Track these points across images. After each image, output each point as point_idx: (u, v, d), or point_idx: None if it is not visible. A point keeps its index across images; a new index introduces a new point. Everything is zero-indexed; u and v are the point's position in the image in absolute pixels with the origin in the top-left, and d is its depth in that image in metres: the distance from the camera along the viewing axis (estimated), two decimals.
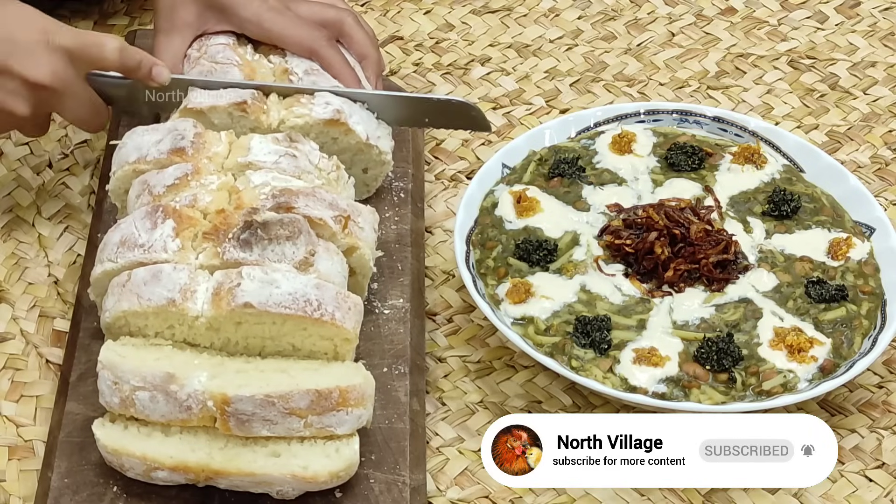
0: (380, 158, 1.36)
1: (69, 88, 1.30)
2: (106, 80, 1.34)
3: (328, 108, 1.33)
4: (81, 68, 1.31)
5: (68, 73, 1.30)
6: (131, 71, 1.33)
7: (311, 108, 1.33)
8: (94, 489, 1.16)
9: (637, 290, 1.29)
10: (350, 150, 1.34)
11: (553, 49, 1.66)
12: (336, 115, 1.32)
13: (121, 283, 1.17)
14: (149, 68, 1.33)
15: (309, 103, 1.33)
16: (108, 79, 1.34)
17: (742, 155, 1.41)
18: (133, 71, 1.33)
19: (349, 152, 1.34)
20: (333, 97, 1.34)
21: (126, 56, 1.31)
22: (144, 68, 1.33)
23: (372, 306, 1.30)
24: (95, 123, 1.36)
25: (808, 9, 1.72)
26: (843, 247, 1.33)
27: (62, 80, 1.29)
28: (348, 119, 1.33)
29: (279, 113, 1.33)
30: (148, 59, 1.33)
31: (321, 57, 1.38)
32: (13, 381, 1.28)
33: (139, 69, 1.32)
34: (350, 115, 1.33)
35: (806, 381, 1.23)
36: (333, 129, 1.33)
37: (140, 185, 1.25)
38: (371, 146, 1.34)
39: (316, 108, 1.33)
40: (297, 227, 1.18)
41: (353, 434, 1.14)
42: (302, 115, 1.32)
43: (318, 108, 1.33)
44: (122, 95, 1.36)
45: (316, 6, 1.42)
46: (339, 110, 1.33)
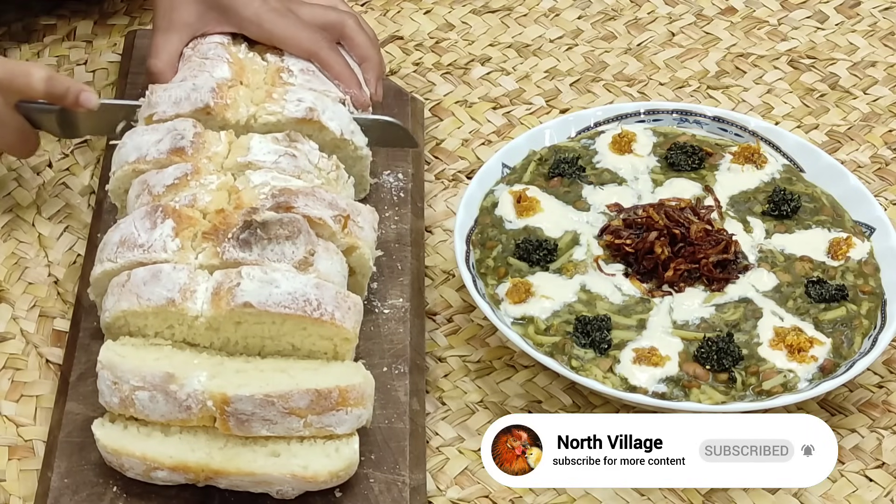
0: (356, 154, 1.35)
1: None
2: (35, 106, 1.35)
3: (300, 106, 1.32)
4: (9, 98, 1.33)
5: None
6: (59, 99, 1.34)
7: (284, 106, 1.31)
8: (94, 489, 1.16)
9: (637, 290, 1.29)
10: (327, 147, 1.33)
11: (553, 49, 1.66)
12: (308, 114, 1.31)
13: (120, 283, 1.17)
14: (76, 95, 1.33)
15: (281, 99, 1.32)
16: (39, 105, 1.35)
17: (742, 155, 1.41)
18: (61, 98, 1.34)
19: (327, 149, 1.33)
20: (306, 94, 1.33)
21: (53, 84, 1.32)
22: (72, 95, 1.33)
23: (372, 306, 1.30)
24: (25, 150, 1.38)
25: (808, 9, 1.72)
26: (843, 246, 1.33)
27: None
28: (321, 116, 1.32)
29: (248, 109, 1.32)
30: (75, 86, 1.34)
31: (321, 59, 1.38)
32: (13, 380, 1.28)
33: (67, 97, 1.33)
34: (323, 112, 1.32)
35: (806, 380, 1.23)
36: (307, 127, 1.32)
37: (140, 184, 1.25)
38: (346, 141, 1.33)
39: (288, 106, 1.32)
40: (297, 226, 1.18)
41: (352, 434, 1.14)
42: (274, 112, 1.31)
43: (291, 106, 1.32)
44: (54, 121, 1.36)
45: (317, 8, 1.42)
46: (312, 108, 1.32)
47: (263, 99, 1.32)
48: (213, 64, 1.35)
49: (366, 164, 1.37)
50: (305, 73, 1.36)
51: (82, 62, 1.60)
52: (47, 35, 1.64)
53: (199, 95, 1.31)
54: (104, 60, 1.61)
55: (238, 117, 1.31)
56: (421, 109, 1.54)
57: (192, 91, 1.31)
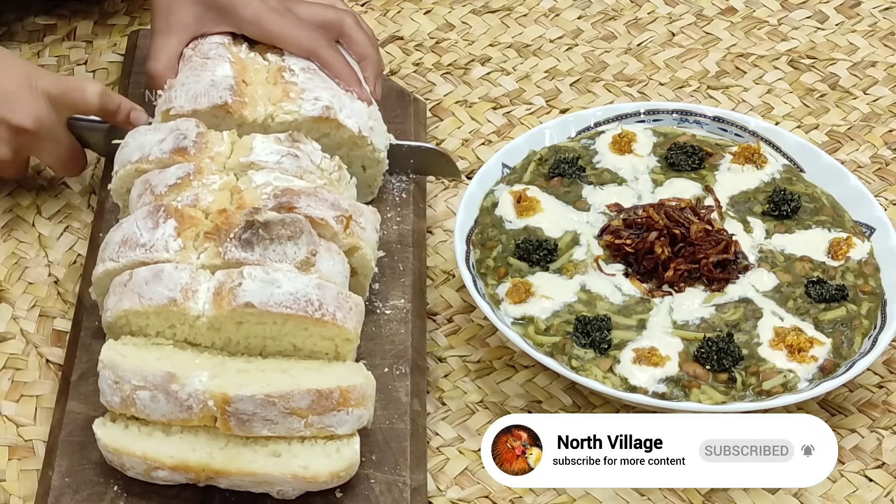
0: (374, 155, 1.35)
1: (50, 133, 1.33)
2: (85, 124, 1.36)
3: (317, 105, 1.32)
4: (63, 113, 1.34)
5: (50, 118, 1.32)
6: (111, 115, 1.35)
7: (301, 105, 1.32)
8: (95, 488, 1.16)
9: (637, 290, 1.30)
10: (345, 145, 1.34)
11: (553, 49, 1.66)
12: (325, 112, 1.31)
13: (122, 283, 1.17)
14: (127, 112, 1.35)
15: (298, 98, 1.32)
16: (88, 123, 1.36)
17: (742, 155, 1.41)
18: (113, 115, 1.35)
19: (344, 147, 1.34)
20: (323, 92, 1.33)
21: (106, 100, 1.34)
22: (123, 112, 1.35)
23: (373, 306, 1.30)
24: (74, 167, 1.39)
25: (808, 9, 1.72)
26: (843, 247, 1.33)
27: (44, 124, 1.32)
28: (338, 114, 1.32)
29: (266, 108, 1.32)
30: (126, 103, 1.35)
31: (320, 58, 1.38)
32: (13, 380, 1.28)
33: (118, 113, 1.35)
34: (340, 110, 1.32)
35: (806, 380, 1.23)
36: (324, 126, 1.32)
37: (142, 184, 1.25)
38: (364, 139, 1.33)
39: (305, 105, 1.32)
40: (299, 226, 1.18)
41: (353, 434, 1.14)
42: (291, 111, 1.32)
43: (308, 105, 1.32)
44: (99, 139, 1.38)
45: (316, 7, 1.42)
46: (329, 106, 1.32)
47: (280, 98, 1.32)
48: (214, 63, 1.35)
49: (381, 169, 1.37)
50: (307, 71, 1.36)
51: (82, 62, 1.60)
52: (47, 35, 1.64)
53: (218, 92, 1.31)
54: (104, 60, 1.61)
55: (256, 115, 1.31)
56: (423, 111, 1.54)
57: (210, 87, 1.31)
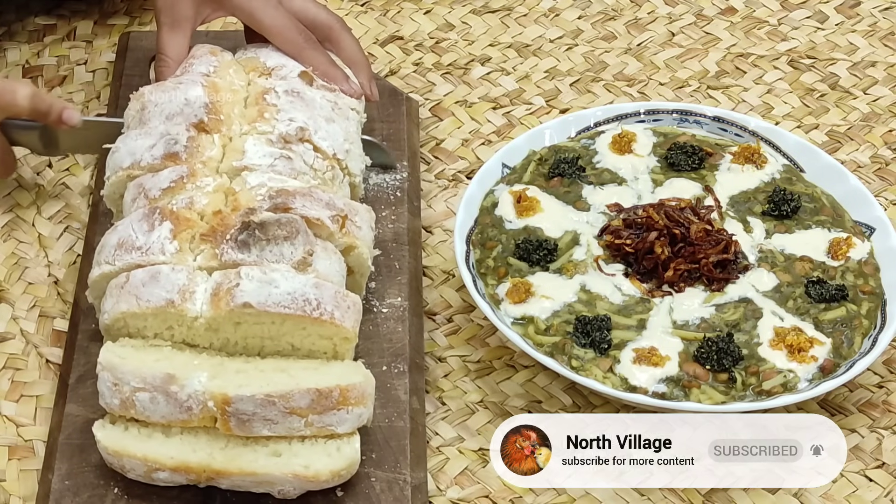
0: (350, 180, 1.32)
1: None
2: (16, 124, 1.36)
3: (292, 126, 1.29)
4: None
5: None
6: (42, 116, 1.34)
7: (275, 126, 1.29)
8: (95, 491, 1.16)
9: (637, 290, 1.29)
10: None
11: (553, 49, 1.66)
12: (299, 134, 1.29)
13: (119, 285, 1.17)
14: (59, 112, 1.34)
15: (273, 119, 1.30)
16: (19, 123, 1.35)
17: (742, 155, 1.41)
18: (44, 116, 1.34)
19: None
20: (299, 114, 1.30)
21: (37, 102, 1.33)
22: (55, 113, 1.34)
23: (370, 305, 1.30)
24: (3, 170, 1.39)
25: (808, 9, 1.72)
26: (843, 246, 1.33)
27: None
28: (312, 136, 1.29)
29: (241, 127, 1.30)
30: (58, 104, 1.35)
31: (306, 54, 1.38)
32: (13, 380, 1.28)
33: (50, 114, 1.34)
34: (315, 132, 1.30)
35: (806, 380, 1.23)
36: None
37: (135, 188, 1.25)
38: (339, 161, 1.30)
39: (279, 126, 1.29)
40: (295, 227, 1.18)
41: (353, 433, 1.14)
42: (265, 131, 1.29)
43: (282, 126, 1.29)
44: (36, 138, 1.37)
45: (309, 3, 1.43)
46: (303, 127, 1.29)
47: (255, 118, 1.30)
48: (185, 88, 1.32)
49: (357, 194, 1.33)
50: (289, 94, 1.32)
51: (82, 62, 1.61)
52: (47, 35, 1.64)
53: (193, 111, 1.29)
54: (104, 60, 1.61)
55: (231, 135, 1.29)
56: (416, 109, 1.54)
57: (184, 106, 1.30)
